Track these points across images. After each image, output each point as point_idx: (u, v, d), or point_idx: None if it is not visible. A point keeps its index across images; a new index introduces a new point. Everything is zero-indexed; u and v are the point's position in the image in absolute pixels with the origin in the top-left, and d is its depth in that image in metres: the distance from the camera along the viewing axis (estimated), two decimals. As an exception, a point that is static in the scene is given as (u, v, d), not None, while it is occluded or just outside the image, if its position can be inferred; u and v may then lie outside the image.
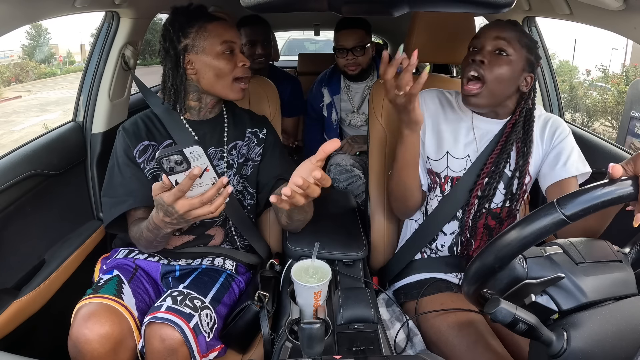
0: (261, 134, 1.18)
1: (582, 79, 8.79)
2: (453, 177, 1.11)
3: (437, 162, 1.12)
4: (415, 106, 0.94)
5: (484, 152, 1.09)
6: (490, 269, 0.66)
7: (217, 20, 1.07)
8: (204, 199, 0.81)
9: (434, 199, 1.14)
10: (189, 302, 0.94)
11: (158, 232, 0.93)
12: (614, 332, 0.60)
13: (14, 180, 1.09)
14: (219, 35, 1.05)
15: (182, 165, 0.78)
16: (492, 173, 1.07)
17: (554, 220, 0.60)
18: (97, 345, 0.86)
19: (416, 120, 0.97)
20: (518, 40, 1.00)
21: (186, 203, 0.81)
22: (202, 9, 1.08)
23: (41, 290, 1.11)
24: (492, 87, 1.00)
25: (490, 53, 1.00)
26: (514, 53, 1.00)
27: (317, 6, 0.76)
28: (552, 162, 1.06)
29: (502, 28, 1.02)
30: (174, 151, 0.77)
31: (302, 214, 1.03)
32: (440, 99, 1.16)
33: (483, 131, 1.10)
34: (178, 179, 0.80)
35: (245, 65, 1.08)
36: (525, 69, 1.02)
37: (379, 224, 1.29)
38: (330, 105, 2.06)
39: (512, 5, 0.66)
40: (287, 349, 0.84)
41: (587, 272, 0.65)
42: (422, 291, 1.11)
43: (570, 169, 1.03)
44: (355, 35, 1.87)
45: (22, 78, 10.93)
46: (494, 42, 1.00)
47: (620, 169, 0.64)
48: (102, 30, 1.43)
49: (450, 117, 1.13)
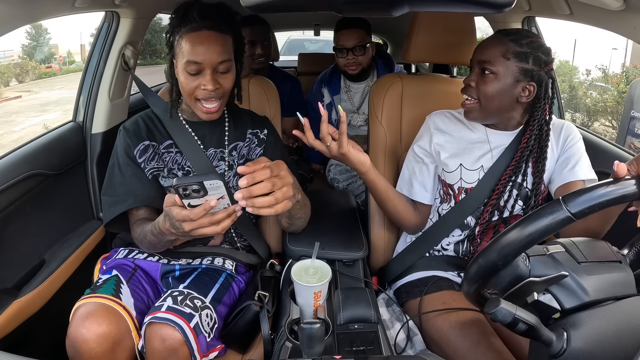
0: (262, 135, 1.18)
1: (582, 79, 8.78)
2: (467, 188, 1.12)
3: (450, 174, 1.13)
4: (349, 149, 0.98)
5: (498, 163, 1.10)
6: (493, 266, 0.66)
7: (205, 30, 0.97)
8: (213, 220, 0.80)
9: (447, 209, 1.15)
10: (189, 302, 0.94)
11: (162, 238, 0.93)
12: (614, 332, 0.60)
13: (14, 180, 1.09)
14: (188, 52, 0.97)
15: (199, 193, 0.77)
16: (506, 187, 1.08)
17: (559, 218, 0.60)
18: (94, 344, 0.86)
19: (358, 160, 1.01)
20: (502, 54, 0.99)
21: (194, 223, 0.80)
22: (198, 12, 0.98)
23: (41, 290, 1.11)
24: (485, 104, 1.04)
25: (477, 74, 1.04)
26: (500, 69, 1.00)
27: (317, 6, 0.76)
28: (561, 165, 1.08)
29: (484, 49, 1.03)
30: (194, 181, 0.75)
31: (301, 211, 1.03)
32: (449, 118, 1.17)
33: (496, 143, 1.11)
34: (192, 202, 0.79)
35: (207, 89, 0.98)
36: (520, 79, 1.00)
37: (379, 224, 1.29)
38: (330, 105, 2.06)
39: (512, 5, 0.66)
40: (287, 349, 0.84)
41: (589, 271, 0.66)
42: (424, 289, 1.11)
43: (578, 172, 1.04)
44: (356, 35, 1.87)
45: (22, 78, 10.93)
46: (478, 65, 1.04)
47: (624, 167, 0.64)
48: (102, 30, 1.43)
49: (463, 132, 1.14)
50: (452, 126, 1.16)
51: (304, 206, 1.04)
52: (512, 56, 0.99)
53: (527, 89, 1.01)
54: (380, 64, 2.04)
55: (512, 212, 1.09)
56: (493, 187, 1.09)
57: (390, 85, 1.32)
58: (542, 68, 1.00)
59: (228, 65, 1.00)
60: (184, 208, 0.79)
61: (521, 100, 1.03)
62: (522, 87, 1.01)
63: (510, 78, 1.00)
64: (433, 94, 1.34)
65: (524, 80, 1.00)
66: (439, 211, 1.17)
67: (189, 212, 0.79)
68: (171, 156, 1.11)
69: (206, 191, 0.77)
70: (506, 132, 1.11)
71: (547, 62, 1.01)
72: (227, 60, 0.99)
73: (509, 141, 1.10)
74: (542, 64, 1.00)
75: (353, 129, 2.10)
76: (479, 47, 1.06)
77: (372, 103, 1.33)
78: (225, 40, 1.00)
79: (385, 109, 1.31)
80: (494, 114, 1.06)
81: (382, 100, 1.31)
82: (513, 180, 1.07)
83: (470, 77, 1.06)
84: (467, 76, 1.08)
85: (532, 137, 1.05)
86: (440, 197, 1.18)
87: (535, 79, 1.01)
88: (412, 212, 1.18)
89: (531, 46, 1.00)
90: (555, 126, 1.11)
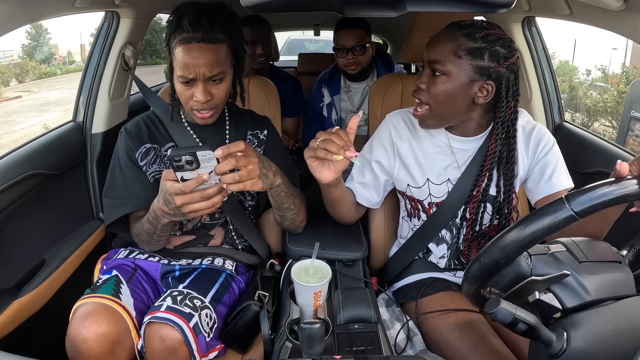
0: (262, 135, 1.18)
1: (582, 79, 8.80)
2: (437, 202, 1.08)
3: (419, 189, 1.08)
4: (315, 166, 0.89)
5: (466, 174, 1.03)
6: (496, 264, 0.65)
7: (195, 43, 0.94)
8: (205, 194, 0.83)
9: (420, 224, 1.12)
10: (188, 301, 0.94)
11: (157, 223, 0.94)
12: (614, 332, 0.60)
13: (14, 180, 1.09)
14: (179, 64, 0.95)
15: (192, 165, 0.80)
16: (480, 201, 1.03)
17: (563, 216, 0.60)
18: (94, 344, 0.86)
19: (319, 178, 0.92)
20: (454, 52, 0.90)
21: (186, 196, 0.83)
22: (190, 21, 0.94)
23: (41, 290, 1.11)
24: (437, 109, 0.95)
25: (428, 75, 0.95)
26: (451, 69, 0.90)
27: (317, 6, 0.76)
28: (537, 177, 1.03)
29: (433, 47, 0.93)
30: (187, 152, 0.78)
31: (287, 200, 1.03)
32: (411, 122, 1.09)
33: (460, 151, 1.04)
34: (185, 176, 0.82)
35: (198, 100, 0.97)
36: (476, 79, 0.91)
37: (378, 224, 1.29)
38: (330, 105, 2.06)
39: (511, 6, 0.66)
40: (287, 349, 0.84)
41: (590, 270, 0.66)
42: (420, 292, 1.11)
43: (555, 184, 1.00)
44: (355, 35, 1.87)
45: (22, 78, 10.93)
46: (428, 65, 0.95)
47: (627, 167, 0.64)
48: (102, 30, 1.43)
49: (425, 141, 1.07)
50: (414, 130, 1.07)
51: (292, 197, 1.04)
52: (465, 53, 0.89)
53: (484, 88, 0.92)
54: (380, 64, 2.04)
55: (485, 223, 1.06)
56: (465, 198, 1.03)
57: (390, 86, 1.32)
58: (501, 64, 0.90)
59: (221, 75, 0.99)
60: (177, 182, 0.83)
61: (478, 101, 0.93)
62: (478, 87, 0.92)
63: (464, 77, 0.90)
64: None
65: (480, 79, 0.91)
66: (412, 228, 1.15)
67: (181, 184, 0.82)
68: None
69: (199, 163, 0.80)
70: (469, 138, 1.03)
71: (507, 57, 0.90)
72: (219, 72, 0.97)
73: (473, 147, 1.03)
74: (500, 59, 0.90)
75: (353, 129, 2.10)
76: (428, 45, 0.95)
77: (372, 103, 1.33)
78: (217, 50, 0.96)
79: (385, 109, 1.31)
80: (449, 119, 0.98)
81: (382, 100, 1.31)
82: (484, 192, 1.01)
83: (421, 79, 0.96)
84: (419, 77, 0.98)
85: (498, 141, 0.97)
86: (407, 211, 1.15)
87: (494, 77, 0.91)
88: (354, 211, 1.14)
89: (487, 40, 0.89)
90: (525, 127, 1.04)
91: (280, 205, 1.03)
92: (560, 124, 1.60)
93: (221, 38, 0.98)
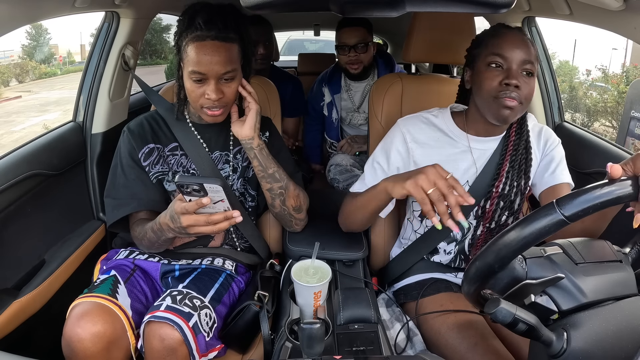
0: (263, 137, 1.18)
1: (582, 79, 8.79)
2: None
3: None
4: None
5: (483, 174, 1.06)
6: (490, 268, 0.66)
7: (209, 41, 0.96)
8: (210, 220, 0.84)
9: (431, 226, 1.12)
10: (188, 301, 0.94)
11: (161, 234, 0.93)
12: (614, 332, 0.60)
13: (14, 180, 1.09)
14: (192, 61, 0.96)
15: (200, 193, 0.81)
16: (499, 200, 1.05)
17: (553, 221, 0.60)
18: (89, 344, 0.86)
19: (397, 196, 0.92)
20: (536, 55, 0.98)
21: (192, 218, 0.84)
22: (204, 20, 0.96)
23: (41, 290, 1.11)
24: (525, 107, 0.99)
25: (521, 76, 0.96)
26: (534, 70, 0.98)
27: (318, 6, 0.76)
28: (542, 171, 1.07)
29: (527, 49, 0.96)
30: (195, 182, 0.79)
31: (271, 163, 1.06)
32: (426, 124, 1.09)
33: (480, 152, 1.07)
34: (192, 199, 0.83)
35: (210, 98, 0.98)
36: None
37: (379, 224, 1.29)
38: (330, 104, 2.06)
39: (512, 6, 0.66)
40: (287, 349, 0.84)
41: (586, 272, 0.65)
42: (421, 292, 1.11)
43: (559, 176, 1.04)
44: (358, 33, 1.88)
45: (22, 78, 10.93)
46: (521, 66, 0.96)
47: (619, 168, 0.64)
48: (102, 30, 1.43)
49: (443, 142, 1.08)
50: (431, 134, 1.08)
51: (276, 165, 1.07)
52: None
53: None
54: (381, 64, 2.04)
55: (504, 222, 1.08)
56: (481, 197, 1.05)
57: (390, 85, 1.32)
58: None
59: (233, 74, 1.00)
60: (184, 201, 0.84)
61: None
62: None
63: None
64: (433, 94, 1.34)
65: None
66: (416, 230, 1.16)
67: (185, 204, 0.83)
68: (176, 159, 1.11)
69: (206, 192, 0.80)
70: (488, 138, 1.07)
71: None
72: (231, 70, 0.98)
73: (491, 148, 1.07)
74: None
75: (354, 128, 2.11)
76: (521, 47, 0.97)
77: (372, 103, 1.33)
78: (230, 49, 0.98)
79: (385, 108, 1.31)
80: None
81: (382, 100, 1.31)
82: (504, 192, 1.04)
83: (515, 77, 0.95)
84: (509, 76, 0.96)
85: (520, 140, 1.04)
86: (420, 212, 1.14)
87: None
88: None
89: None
90: (533, 129, 1.10)
91: (265, 169, 1.06)
92: (560, 124, 1.60)
93: (233, 37, 0.99)
